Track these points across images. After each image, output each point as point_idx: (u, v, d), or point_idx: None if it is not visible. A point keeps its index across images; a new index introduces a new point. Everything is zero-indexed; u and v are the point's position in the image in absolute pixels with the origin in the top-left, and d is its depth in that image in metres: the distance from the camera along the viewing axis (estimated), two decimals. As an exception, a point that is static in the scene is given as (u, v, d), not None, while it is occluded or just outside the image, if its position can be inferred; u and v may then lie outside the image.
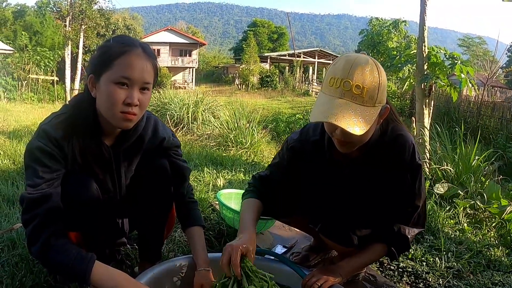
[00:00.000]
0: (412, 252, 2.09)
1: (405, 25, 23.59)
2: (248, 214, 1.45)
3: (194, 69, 40.32)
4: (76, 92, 20.41)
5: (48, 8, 21.39)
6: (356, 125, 1.13)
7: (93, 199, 1.31)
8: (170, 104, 9.64)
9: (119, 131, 1.33)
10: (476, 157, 3.55)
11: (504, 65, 34.01)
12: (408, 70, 6.45)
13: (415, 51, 4.64)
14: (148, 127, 1.41)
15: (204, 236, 2.07)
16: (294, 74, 31.84)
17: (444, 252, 2.14)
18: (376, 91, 1.17)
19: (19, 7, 22.28)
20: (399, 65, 5.07)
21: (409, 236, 1.41)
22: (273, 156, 1.71)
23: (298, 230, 2.22)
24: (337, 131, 1.23)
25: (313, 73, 35.59)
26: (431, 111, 4.53)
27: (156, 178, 1.45)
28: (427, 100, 4.41)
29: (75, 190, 1.26)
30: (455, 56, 4.35)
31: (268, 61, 37.34)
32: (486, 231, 2.61)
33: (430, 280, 1.86)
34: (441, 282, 1.84)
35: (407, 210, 1.40)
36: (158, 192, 1.47)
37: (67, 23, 20.31)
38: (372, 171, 1.38)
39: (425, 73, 4.30)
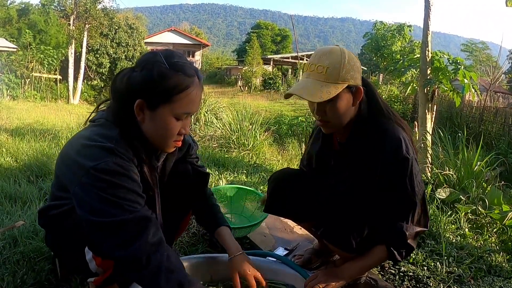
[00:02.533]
0: (413, 257, 2.09)
1: (409, 30, 23.54)
2: None
3: (197, 70, 40.38)
4: (78, 92, 20.38)
5: (52, 7, 21.37)
6: (313, 95, 1.28)
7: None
8: (173, 105, 9.63)
9: None
10: (478, 163, 3.55)
11: (507, 71, 33.90)
12: (411, 74, 6.47)
13: (418, 55, 4.65)
14: None
15: (204, 237, 2.09)
16: (297, 77, 31.84)
17: (445, 257, 2.13)
18: (338, 70, 1.29)
19: (23, 5, 22.30)
20: (403, 69, 5.08)
21: (407, 233, 1.35)
22: (274, 159, 1.77)
23: (300, 232, 2.23)
24: (315, 111, 1.36)
25: (316, 75, 35.56)
26: (434, 115, 4.53)
27: (178, 184, 1.46)
28: (429, 105, 4.42)
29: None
30: (458, 61, 4.35)
31: (271, 63, 37.35)
32: (487, 236, 2.61)
33: (431, 284, 1.85)
34: (442, 287, 1.84)
35: (400, 206, 1.37)
36: (179, 196, 1.48)
37: (71, 22, 20.32)
38: (356, 163, 1.40)
39: (428, 77, 4.31)
